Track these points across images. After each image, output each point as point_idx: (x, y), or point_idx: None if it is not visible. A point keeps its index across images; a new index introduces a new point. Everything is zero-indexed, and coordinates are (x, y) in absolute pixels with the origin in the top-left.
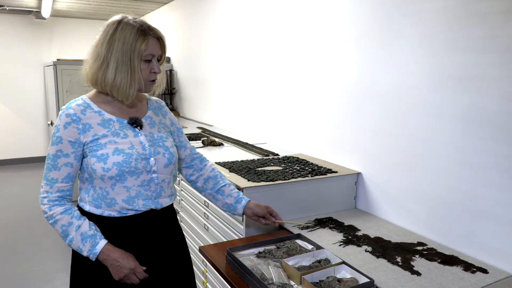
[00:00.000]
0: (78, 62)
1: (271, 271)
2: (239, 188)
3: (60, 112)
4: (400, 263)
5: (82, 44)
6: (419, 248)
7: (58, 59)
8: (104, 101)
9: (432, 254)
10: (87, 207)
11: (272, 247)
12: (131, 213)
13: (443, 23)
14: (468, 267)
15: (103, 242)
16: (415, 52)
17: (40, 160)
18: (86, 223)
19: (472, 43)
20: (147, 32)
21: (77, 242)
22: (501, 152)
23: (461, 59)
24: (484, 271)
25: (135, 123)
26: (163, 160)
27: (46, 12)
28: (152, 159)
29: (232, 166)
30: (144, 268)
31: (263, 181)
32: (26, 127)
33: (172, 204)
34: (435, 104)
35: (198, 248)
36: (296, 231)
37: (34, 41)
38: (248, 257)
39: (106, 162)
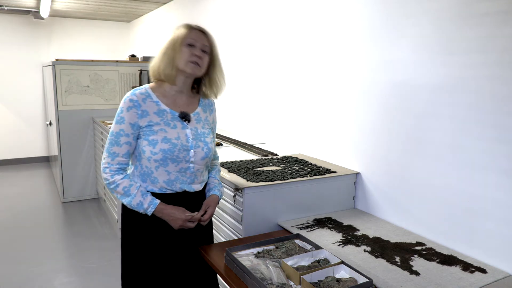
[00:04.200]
0: (77, 62)
1: (270, 271)
2: (238, 189)
3: (125, 96)
4: (399, 263)
5: (81, 44)
6: (418, 248)
7: (57, 59)
8: (162, 93)
9: (431, 254)
10: (135, 179)
11: (271, 247)
12: (169, 191)
13: (444, 23)
14: (467, 267)
15: (158, 200)
16: (415, 52)
17: (39, 160)
18: (142, 186)
19: (472, 43)
20: (192, 26)
21: (138, 197)
22: (500, 152)
23: (461, 59)
24: (483, 271)
25: (185, 117)
26: (201, 153)
27: (44, 12)
28: (192, 151)
29: (231, 166)
30: (196, 214)
31: (262, 181)
32: (24, 127)
33: (203, 189)
34: (434, 104)
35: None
36: (295, 231)
37: (32, 41)
38: (247, 257)
39: (155, 147)
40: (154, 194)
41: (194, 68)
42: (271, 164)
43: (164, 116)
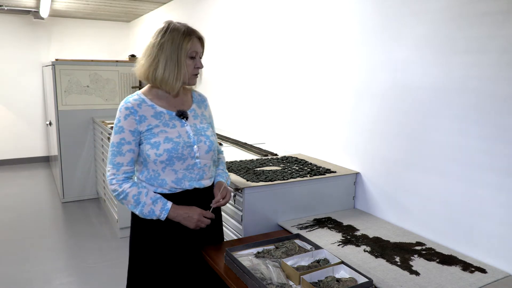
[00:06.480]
0: (77, 62)
1: (270, 271)
2: (238, 189)
3: (119, 106)
4: (398, 263)
5: (80, 44)
6: (418, 248)
7: (56, 59)
8: (155, 96)
9: (430, 254)
10: (142, 185)
11: (271, 247)
12: (179, 190)
13: (444, 23)
14: (467, 267)
15: (170, 202)
16: (415, 52)
17: (39, 160)
18: (151, 190)
19: (472, 43)
20: (191, 33)
21: (149, 204)
22: (499, 152)
23: (461, 59)
24: (483, 270)
25: (182, 115)
26: (204, 147)
27: (44, 12)
28: (195, 146)
29: (231, 166)
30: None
31: (262, 181)
32: (24, 127)
33: (212, 184)
34: (434, 104)
35: None
36: (295, 231)
37: (32, 41)
38: (247, 257)
39: (159, 149)
40: (164, 195)
41: (195, 80)
42: (271, 164)
43: (162, 117)
